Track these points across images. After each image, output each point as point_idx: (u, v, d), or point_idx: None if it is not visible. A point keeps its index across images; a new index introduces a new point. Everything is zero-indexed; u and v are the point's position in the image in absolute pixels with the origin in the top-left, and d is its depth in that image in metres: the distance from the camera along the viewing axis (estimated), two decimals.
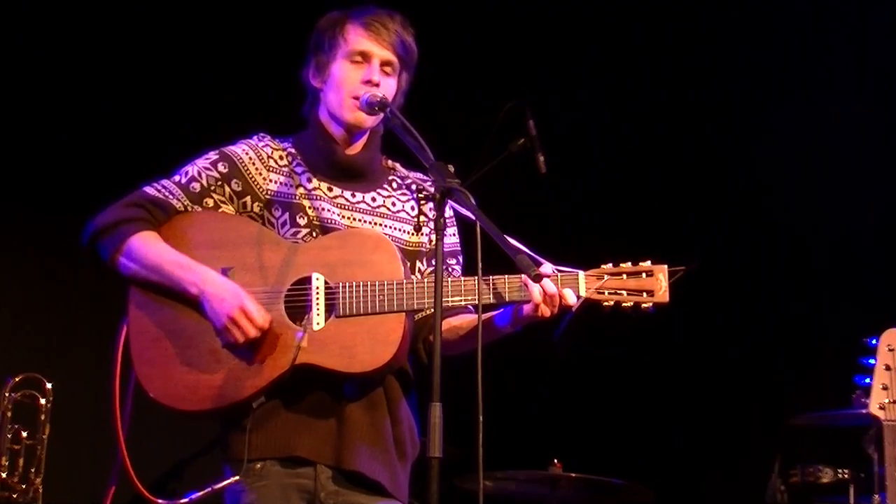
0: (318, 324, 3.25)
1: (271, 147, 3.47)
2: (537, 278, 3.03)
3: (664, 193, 6.43)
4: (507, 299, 3.24)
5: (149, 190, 3.40)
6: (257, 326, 3.22)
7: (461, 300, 3.25)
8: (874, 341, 3.88)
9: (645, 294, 3.24)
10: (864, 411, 3.84)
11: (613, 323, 3.30)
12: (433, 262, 3.26)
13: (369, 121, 3.41)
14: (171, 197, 3.39)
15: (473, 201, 3.07)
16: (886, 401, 3.79)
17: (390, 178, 3.54)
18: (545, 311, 3.21)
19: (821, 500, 5.22)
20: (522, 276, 3.17)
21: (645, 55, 6.41)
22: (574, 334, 3.26)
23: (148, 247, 3.31)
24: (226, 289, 3.25)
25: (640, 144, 6.45)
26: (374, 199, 3.48)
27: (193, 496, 3.26)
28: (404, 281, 3.23)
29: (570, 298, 3.20)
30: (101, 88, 6.00)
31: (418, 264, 3.47)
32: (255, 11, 6.08)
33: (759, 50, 6.31)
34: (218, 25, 6.07)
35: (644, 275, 3.24)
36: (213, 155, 3.45)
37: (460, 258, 3.56)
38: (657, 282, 3.24)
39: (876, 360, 3.85)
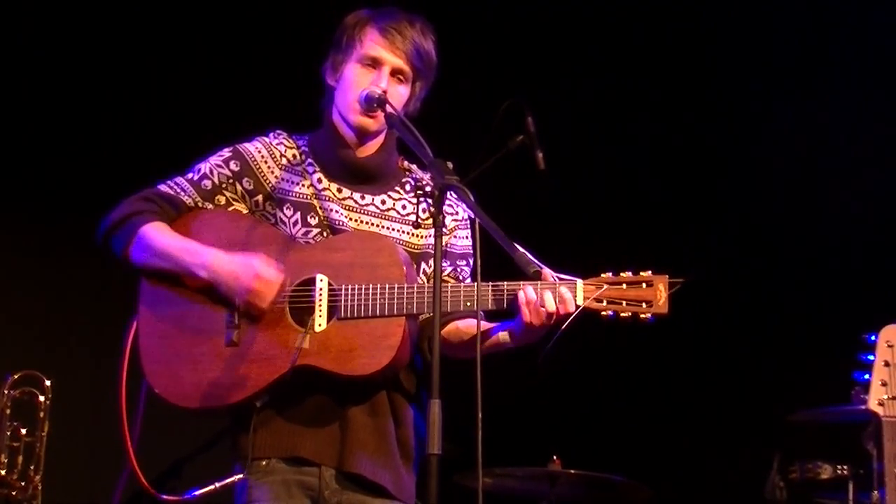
0: (319, 325, 3.25)
1: (285, 145, 3.48)
2: (536, 275, 3.03)
3: (667, 189, 6.42)
4: (502, 306, 3.23)
5: (160, 186, 3.43)
6: (276, 285, 3.23)
7: (458, 306, 3.25)
8: (873, 337, 3.87)
9: (644, 304, 3.21)
10: (863, 407, 3.84)
11: (616, 322, 3.30)
12: (443, 261, 3.28)
13: (374, 125, 3.40)
14: (182, 193, 3.41)
15: (472, 198, 3.08)
16: (885, 397, 3.78)
17: (404, 180, 3.54)
18: (531, 319, 3.19)
19: (820, 497, 5.22)
20: (520, 284, 3.17)
21: (647, 52, 6.40)
22: (560, 348, 3.23)
23: (158, 235, 3.34)
24: (236, 263, 3.27)
25: (644, 139, 6.44)
26: (383, 202, 3.48)
27: (196, 492, 3.27)
28: (405, 285, 3.24)
29: (570, 304, 3.18)
30: (112, 86, 5.99)
31: (423, 266, 3.46)
32: (274, 6, 6.07)
33: (759, 55, 6.30)
34: (236, 20, 6.05)
35: (644, 285, 3.23)
36: (226, 152, 3.46)
37: (471, 260, 3.54)
38: (657, 292, 3.21)
39: (875, 356, 3.84)
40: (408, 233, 3.46)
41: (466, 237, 3.55)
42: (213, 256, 3.29)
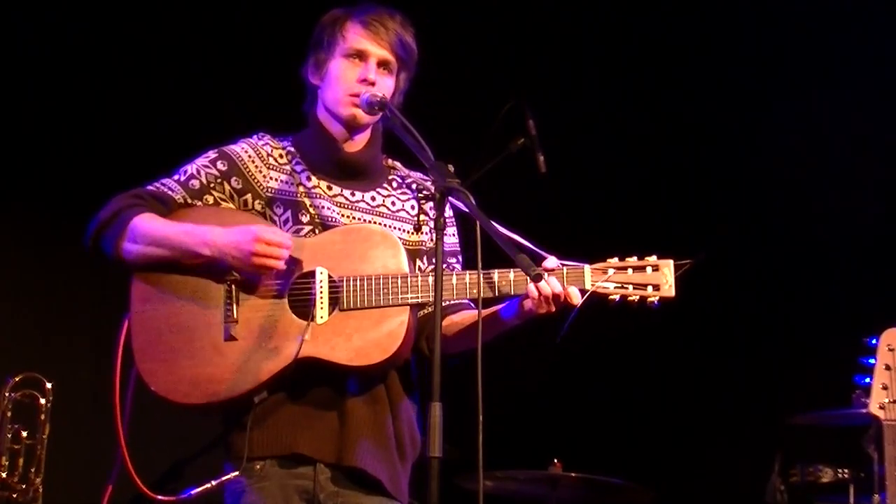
0: (321, 317, 3.25)
1: (271, 146, 3.48)
2: (537, 278, 3.04)
3: (668, 191, 6.42)
4: (508, 293, 3.24)
5: (148, 186, 3.42)
6: (282, 245, 3.22)
7: (463, 295, 3.26)
8: (874, 341, 3.89)
9: (650, 288, 3.24)
10: (864, 411, 3.85)
11: (614, 323, 3.30)
12: (433, 261, 3.27)
13: (366, 118, 3.41)
14: (170, 191, 3.40)
15: (473, 201, 3.09)
16: (886, 400, 3.79)
17: (390, 177, 3.55)
18: (542, 310, 3.21)
19: (821, 500, 5.22)
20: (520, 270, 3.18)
21: (647, 51, 6.40)
22: (574, 325, 3.24)
23: (150, 224, 3.32)
24: (234, 233, 3.25)
25: (645, 140, 6.44)
26: (373, 199, 3.49)
27: (192, 492, 3.26)
28: (408, 275, 3.24)
29: (576, 298, 3.20)
30: (101, 88, 6.00)
31: (419, 263, 3.47)
32: (256, 9, 6.08)
33: (763, 47, 6.31)
34: (218, 24, 6.06)
35: (650, 269, 3.25)
36: (212, 153, 3.46)
37: (460, 257, 3.56)
38: (663, 276, 3.24)
39: (876, 359, 3.85)
40: (399, 229, 3.47)
41: (454, 234, 3.57)
42: (213, 232, 3.27)
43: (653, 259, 3.26)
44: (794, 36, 6.26)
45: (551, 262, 3.22)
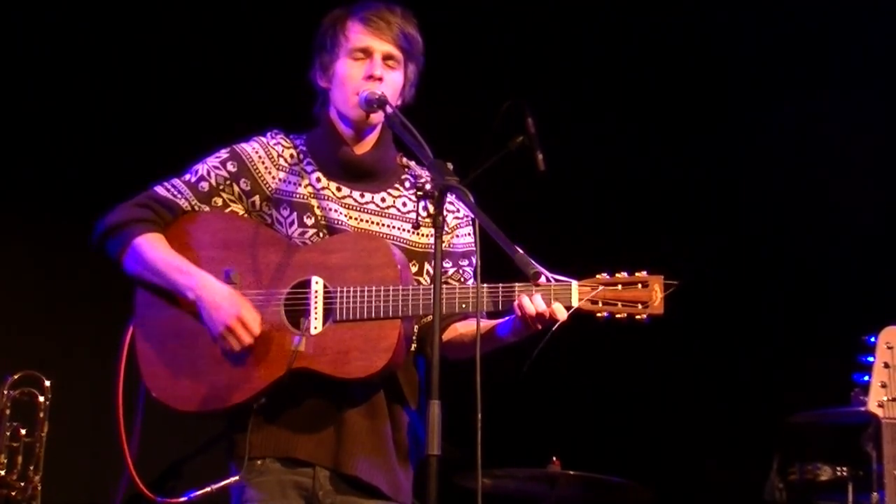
0: (315, 328, 3.25)
1: (283, 145, 3.47)
2: (536, 276, 3.02)
3: (667, 188, 6.42)
4: (499, 308, 3.23)
5: (158, 189, 3.42)
6: (253, 335, 3.24)
7: (456, 305, 3.25)
8: (873, 339, 3.88)
9: (640, 305, 3.21)
10: (862, 409, 3.83)
11: (612, 322, 3.30)
12: (445, 262, 3.28)
13: (373, 118, 3.40)
14: (178, 196, 3.40)
15: (472, 199, 3.08)
16: (885, 398, 3.78)
17: (403, 177, 3.53)
18: (527, 325, 3.20)
19: (819, 498, 5.22)
20: (516, 287, 3.18)
21: (647, 51, 6.40)
22: (554, 349, 3.23)
23: (151, 249, 3.33)
24: (223, 296, 3.26)
25: (645, 138, 6.44)
26: (383, 200, 3.47)
27: (192, 495, 3.27)
28: (400, 287, 3.23)
29: (561, 315, 3.18)
30: (111, 85, 6.00)
31: (426, 266, 3.46)
32: (258, 7, 6.08)
33: (757, 55, 6.31)
34: (233, 21, 6.06)
35: (639, 285, 3.22)
36: (223, 153, 3.46)
37: (473, 259, 3.52)
38: (652, 293, 3.21)
39: (874, 357, 3.84)
40: (408, 231, 3.45)
41: (469, 234, 3.54)
42: (203, 282, 3.28)
43: (643, 275, 3.23)
44: (793, 36, 6.26)
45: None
